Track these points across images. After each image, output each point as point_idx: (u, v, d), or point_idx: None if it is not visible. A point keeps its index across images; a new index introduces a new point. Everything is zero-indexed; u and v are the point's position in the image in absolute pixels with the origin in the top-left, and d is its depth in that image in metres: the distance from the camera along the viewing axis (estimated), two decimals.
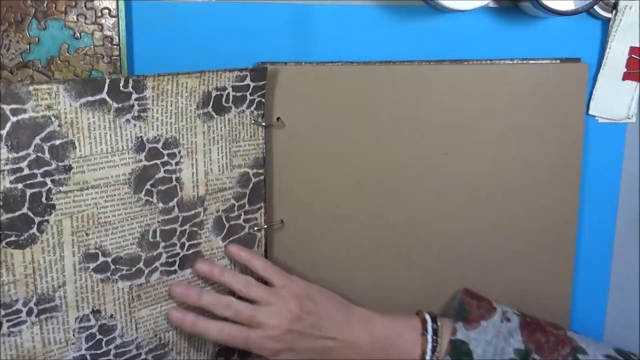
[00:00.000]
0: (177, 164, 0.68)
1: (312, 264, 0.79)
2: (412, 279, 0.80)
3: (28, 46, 0.69)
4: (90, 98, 0.61)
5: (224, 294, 0.70)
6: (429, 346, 0.67)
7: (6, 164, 0.58)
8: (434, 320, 0.70)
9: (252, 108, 0.73)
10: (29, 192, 0.59)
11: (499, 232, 0.79)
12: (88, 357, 0.66)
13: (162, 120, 0.66)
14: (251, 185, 0.74)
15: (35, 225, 0.60)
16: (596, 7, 0.75)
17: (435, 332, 0.68)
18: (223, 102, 0.70)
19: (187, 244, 0.71)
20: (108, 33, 0.71)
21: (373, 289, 0.80)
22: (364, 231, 0.79)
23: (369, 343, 0.68)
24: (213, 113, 0.70)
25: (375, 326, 0.69)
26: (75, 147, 0.61)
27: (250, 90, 0.72)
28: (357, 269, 0.80)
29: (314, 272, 0.79)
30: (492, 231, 0.79)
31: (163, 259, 0.69)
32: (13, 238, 0.59)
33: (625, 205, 0.81)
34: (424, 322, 0.70)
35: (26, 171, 0.59)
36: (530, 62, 0.78)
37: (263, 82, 0.72)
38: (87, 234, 0.64)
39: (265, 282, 0.71)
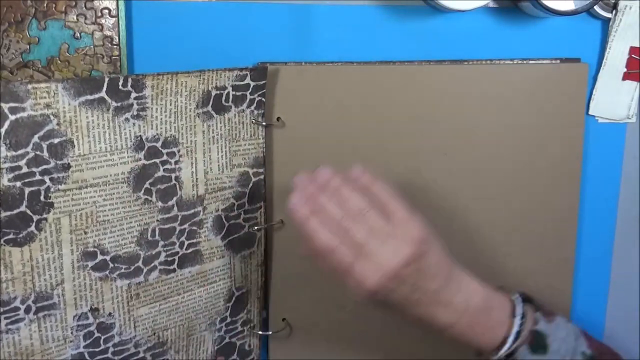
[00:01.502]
0: (176, 163, 0.69)
1: (312, 264, 0.79)
2: None
3: (28, 46, 0.69)
4: (89, 97, 0.62)
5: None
6: (514, 331, 0.62)
7: (5, 162, 0.58)
8: (524, 301, 0.64)
9: (252, 107, 0.73)
10: (27, 190, 0.60)
11: (499, 232, 0.79)
12: (86, 355, 0.67)
13: (161, 119, 0.67)
14: (251, 184, 0.74)
15: (34, 224, 0.61)
16: (596, 7, 0.75)
17: (523, 317, 0.63)
18: (223, 102, 0.70)
19: (186, 242, 0.71)
20: (108, 33, 0.71)
21: None
22: None
23: (460, 310, 0.62)
24: (213, 112, 0.70)
25: (471, 294, 0.63)
26: (74, 146, 0.62)
27: (250, 89, 0.72)
28: None
29: (314, 271, 0.79)
30: (492, 231, 0.79)
31: (162, 258, 0.69)
32: (11, 236, 0.60)
33: (625, 205, 0.81)
34: (513, 303, 0.64)
35: (25, 169, 0.59)
36: (530, 62, 0.78)
37: (263, 82, 0.72)
38: (85, 233, 0.64)
39: None
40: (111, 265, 0.66)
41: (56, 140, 0.61)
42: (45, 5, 0.69)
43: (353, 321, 0.81)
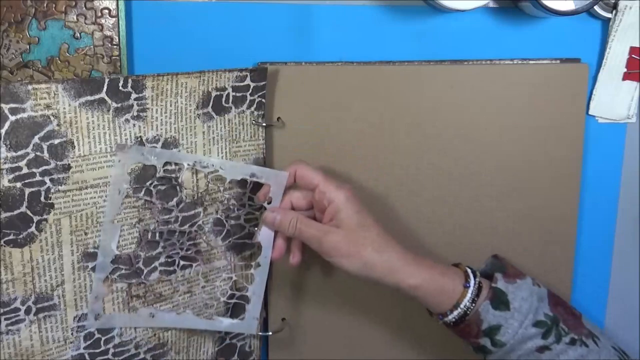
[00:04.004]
0: (176, 164, 0.68)
1: (312, 264, 0.79)
2: None
3: (28, 46, 0.69)
4: (89, 97, 0.62)
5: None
6: (467, 298, 0.66)
7: (5, 163, 0.58)
8: (474, 275, 0.69)
9: (252, 108, 0.73)
10: (27, 191, 0.60)
11: (499, 232, 0.79)
12: (86, 356, 0.67)
13: (161, 120, 0.67)
14: (251, 185, 0.74)
15: (34, 224, 0.61)
16: (596, 7, 0.75)
17: (478, 285, 0.67)
18: (223, 103, 0.70)
19: (186, 243, 0.71)
20: (108, 33, 0.71)
21: (372, 286, 0.80)
22: None
23: (423, 276, 0.67)
24: (213, 113, 0.70)
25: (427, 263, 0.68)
26: (74, 147, 0.62)
27: (251, 90, 0.72)
28: None
29: (314, 271, 0.79)
30: (492, 231, 0.79)
31: (162, 259, 0.69)
32: (12, 237, 0.60)
33: (625, 205, 0.81)
34: (467, 275, 0.68)
35: (25, 170, 0.59)
36: (530, 62, 0.78)
37: (263, 83, 0.72)
38: (86, 233, 0.64)
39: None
40: (111, 266, 0.66)
41: (56, 141, 0.61)
42: (45, 5, 0.69)
43: (352, 321, 0.81)
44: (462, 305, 0.66)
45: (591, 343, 0.67)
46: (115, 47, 0.71)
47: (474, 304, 0.66)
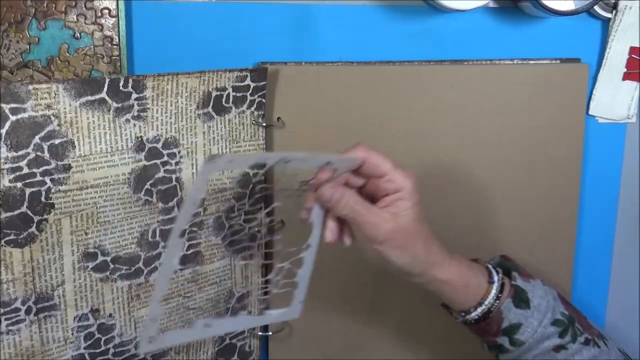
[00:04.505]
0: (177, 164, 0.69)
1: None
2: None
3: (28, 46, 0.69)
4: (89, 97, 0.61)
5: None
6: (492, 294, 0.65)
7: (5, 163, 0.58)
8: (497, 273, 0.67)
9: (253, 108, 0.73)
10: (28, 191, 0.60)
11: (499, 232, 0.79)
12: (87, 356, 0.66)
13: (162, 120, 0.67)
14: (251, 185, 0.74)
15: (35, 224, 0.61)
16: (596, 7, 0.75)
17: (501, 282, 0.66)
18: (223, 103, 0.70)
19: (186, 243, 0.71)
20: (108, 33, 0.71)
21: (372, 287, 0.80)
22: None
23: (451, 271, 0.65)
24: (213, 113, 0.70)
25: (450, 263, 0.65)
26: (75, 147, 0.62)
27: (251, 90, 0.72)
28: (357, 267, 0.80)
29: (314, 271, 0.79)
30: (492, 231, 0.79)
31: (162, 259, 0.69)
32: (12, 237, 0.60)
33: (625, 205, 0.81)
34: (489, 271, 0.67)
35: (25, 170, 0.59)
36: (530, 62, 0.78)
37: (263, 83, 0.72)
38: (86, 233, 0.64)
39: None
40: (112, 266, 0.66)
41: (57, 141, 0.60)
42: (45, 5, 0.69)
43: (353, 321, 0.82)
44: (486, 302, 0.64)
45: (602, 344, 0.66)
46: (115, 47, 0.71)
47: (497, 301, 0.65)
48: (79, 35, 0.70)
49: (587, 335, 0.66)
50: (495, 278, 0.66)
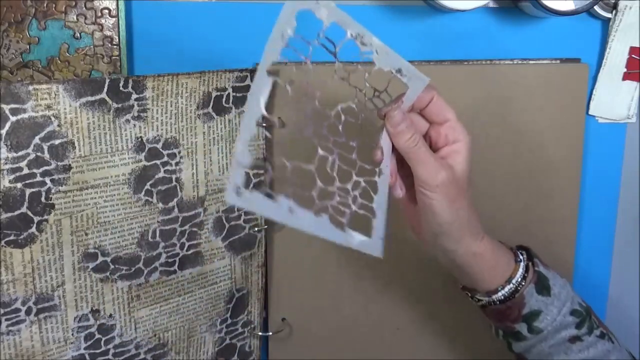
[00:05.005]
0: (177, 164, 0.68)
1: (313, 264, 0.79)
2: (413, 280, 0.80)
3: (28, 46, 0.69)
4: (90, 98, 0.61)
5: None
6: (519, 273, 0.64)
7: (5, 163, 0.58)
8: (522, 254, 0.66)
9: None
10: (28, 191, 0.60)
11: (498, 232, 0.79)
12: (87, 357, 0.66)
13: (162, 120, 0.66)
14: (251, 185, 0.74)
15: (35, 225, 0.61)
16: (596, 7, 0.75)
17: (526, 264, 0.65)
18: (223, 103, 0.70)
19: (187, 244, 0.71)
20: (108, 33, 0.71)
21: (372, 287, 0.80)
22: None
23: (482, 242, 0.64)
24: (213, 113, 0.70)
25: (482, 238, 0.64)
26: (75, 147, 0.62)
27: None
28: (357, 267, 0.80)
29: (314, 272, 0.79)
30: (492, 231, 0.79)
31: (162, 259, 0.69)
32: (12, 237, 0.60)
33: (625, 205, 0.81)
34: (515, 253, 0.66)
35: (25, 171, 0.59)
36: (530, 62, 0.78)
37: None
38: (86, 234, 0.64)
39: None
40: (112, 266, 0.66)
41: (57, 142, 0.60)
42: (45, 5, 0.69)
43: (353, 321, 0.82)
44: (513, 281, 0.63)
45: (615, 340, 0.66)
46: (115, 47, 0.71)
47: (524, 282, 0.63)
48: (79, 35, 0.70)
49: (602, 329, 0.66)
50: (522, 258, 0.65)
